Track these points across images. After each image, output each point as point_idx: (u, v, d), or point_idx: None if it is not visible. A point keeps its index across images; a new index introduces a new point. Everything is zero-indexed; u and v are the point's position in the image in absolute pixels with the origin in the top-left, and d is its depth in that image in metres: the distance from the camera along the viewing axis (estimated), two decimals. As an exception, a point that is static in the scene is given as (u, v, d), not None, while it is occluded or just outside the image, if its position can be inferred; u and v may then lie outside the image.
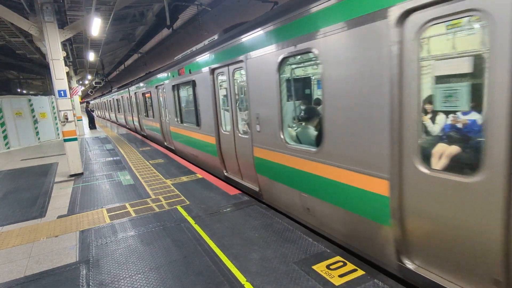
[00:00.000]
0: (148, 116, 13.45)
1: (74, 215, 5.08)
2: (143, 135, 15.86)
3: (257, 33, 4.49)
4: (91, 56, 14.07)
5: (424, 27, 2.40)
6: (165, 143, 11.34)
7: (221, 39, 5.92)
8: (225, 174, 6.46)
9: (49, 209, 5.48)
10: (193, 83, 7.34)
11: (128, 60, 23.80)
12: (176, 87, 8.98)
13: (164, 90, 10.09)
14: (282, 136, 4.28)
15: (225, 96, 6.06)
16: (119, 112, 23.72)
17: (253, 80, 4.78)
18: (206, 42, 7.27)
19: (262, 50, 4.41)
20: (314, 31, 3.39)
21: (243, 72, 5.17)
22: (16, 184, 7.46)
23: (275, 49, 4.10)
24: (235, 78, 5.58)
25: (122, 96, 20.59)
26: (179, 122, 9.05)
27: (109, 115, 30.97)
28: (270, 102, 4.39)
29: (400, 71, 2.56)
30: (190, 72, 7.42)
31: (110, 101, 27.53)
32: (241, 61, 5.02)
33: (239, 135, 5.55)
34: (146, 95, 13.20)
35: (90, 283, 3.12)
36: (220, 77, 6.16)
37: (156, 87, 10.98)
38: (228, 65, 5.55)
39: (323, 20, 3.26)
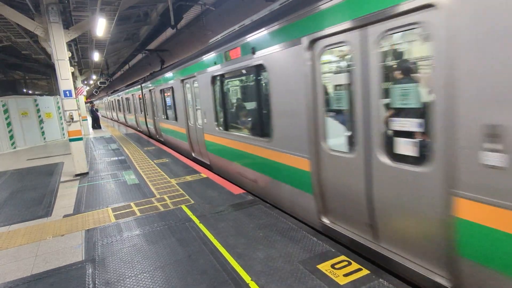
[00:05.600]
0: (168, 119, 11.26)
1: (79, 214, 5.12)
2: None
3: None
4: (96, 56, 14.16)
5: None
6: (193, 154, 9.03)
7: None
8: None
9: (55, 208, 5.53)
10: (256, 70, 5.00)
11: (133, 60, 23.90)
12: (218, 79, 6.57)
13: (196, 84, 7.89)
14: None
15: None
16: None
17: None
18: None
19: None
20: None
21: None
22: (23, 183, 7.54)
23: None
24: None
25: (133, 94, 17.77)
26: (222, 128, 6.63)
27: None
28: None
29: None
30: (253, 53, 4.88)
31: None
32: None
33: None
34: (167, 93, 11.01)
35: (96, 282, 3.15)
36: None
37: (182, 81, 8.73)
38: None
39: None
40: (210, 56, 6.52)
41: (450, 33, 2.20)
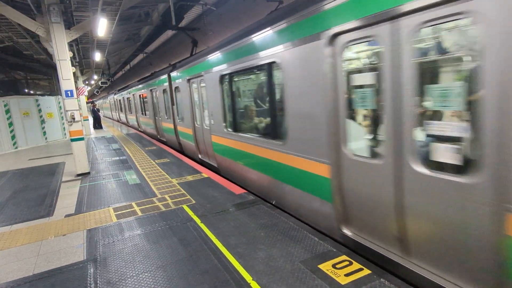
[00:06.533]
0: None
1: (81, 214, 5.13)
2: None
3: None
4: (97, 56, 14.18)
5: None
6: (345, 229, 3.68)
7: None
8: None
9: (56, 208, 5.54)
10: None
11: (134, 60, 23.94)
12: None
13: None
14: None
15: None
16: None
17: None
18: None
19: None
20: None
21: None
22: (24, 183, 7.56)
23: None
24: None
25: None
26: None
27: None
28: None
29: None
30: None
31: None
32: None
33: None
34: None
35: (98, 281, 3.16)
36: None
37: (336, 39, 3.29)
38: None
39: None
40: None
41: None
